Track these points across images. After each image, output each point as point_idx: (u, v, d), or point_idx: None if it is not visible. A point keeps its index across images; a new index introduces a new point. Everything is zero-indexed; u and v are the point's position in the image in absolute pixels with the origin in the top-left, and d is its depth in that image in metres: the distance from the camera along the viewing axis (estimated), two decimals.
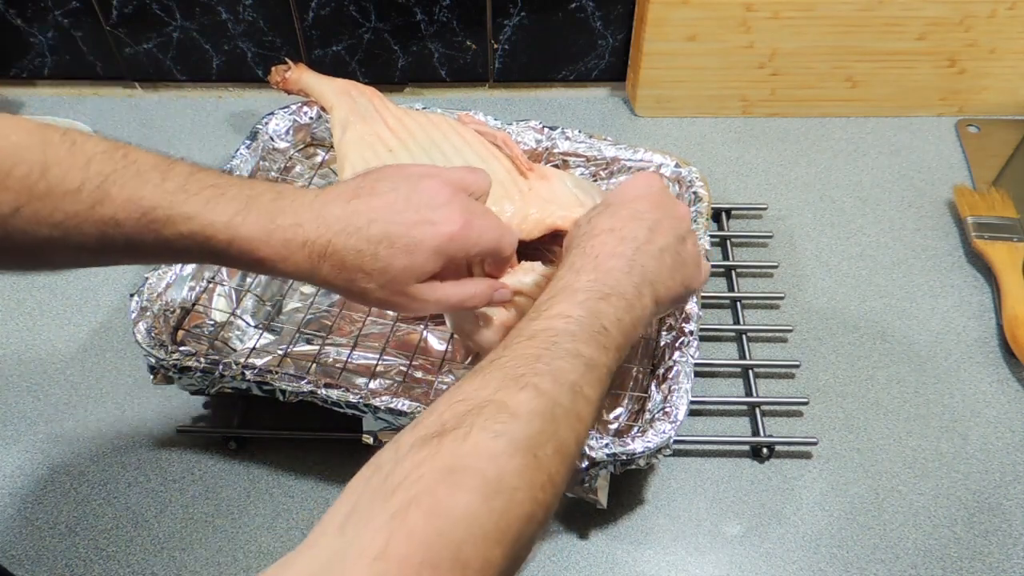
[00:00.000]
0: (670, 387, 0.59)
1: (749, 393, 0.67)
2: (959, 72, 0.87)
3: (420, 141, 0.72)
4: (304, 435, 0.65)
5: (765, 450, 0.64)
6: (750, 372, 0.68)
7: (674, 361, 0.60)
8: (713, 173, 0.85)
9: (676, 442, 0.61)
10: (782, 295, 0.74)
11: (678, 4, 0.82)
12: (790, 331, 0.71)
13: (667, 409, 0.57)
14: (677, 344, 0.61)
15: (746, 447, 0.65)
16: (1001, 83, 0.88)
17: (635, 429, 0.59)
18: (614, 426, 0.62)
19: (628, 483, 0.62)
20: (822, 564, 0.59)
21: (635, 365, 0.65)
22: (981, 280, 0.76)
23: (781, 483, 0.63)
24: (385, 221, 0.47)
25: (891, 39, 0.85)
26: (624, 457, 0.55)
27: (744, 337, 0.70)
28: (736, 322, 0.72)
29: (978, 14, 0.82)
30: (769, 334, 0.72)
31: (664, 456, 0.57)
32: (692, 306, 0.63)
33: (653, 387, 0.62)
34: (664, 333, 0.65)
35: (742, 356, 0.69)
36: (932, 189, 0.84)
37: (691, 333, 0.62)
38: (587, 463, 0.55)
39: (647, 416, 0.59)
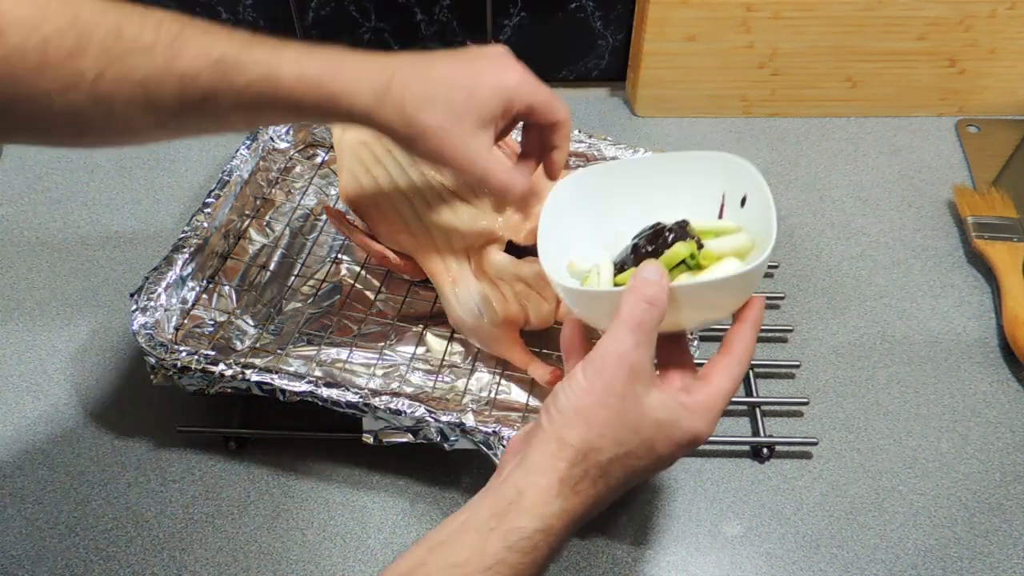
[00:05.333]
0: None
1: (749, 393, 0.67)
2: (959, 72, 0.87)
3: None
4: (304, 435, 0.65)
5: (765, 450, 0.64)
6: (750, 373, 0.68)
7: None
8: None
9: None
10: (782, 295, 0.74)
11: (678, 4, 0.82)
12: (790, 331, 0.71)
13: None
14: None
15: (746, 447, 0.65)
16: (1001, 83, 0.88)
17: None
18: None
19: None
20: (822, 564, 0.59)
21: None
22: (981, 280, 0.76)
23: (781, 483, 0.63)
24: (446, 63, 0.50)
25: (891, 39, 0.85)
26: None
27: None
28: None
29: (978, 14, 0.82)
30: (769, 335, 0.72)
31: None
32: None
33: None
34: None
35: None
36: (932, 189, 0.84)
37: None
38: None
39: None
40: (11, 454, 0.65)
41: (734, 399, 0.67)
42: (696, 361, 0.60)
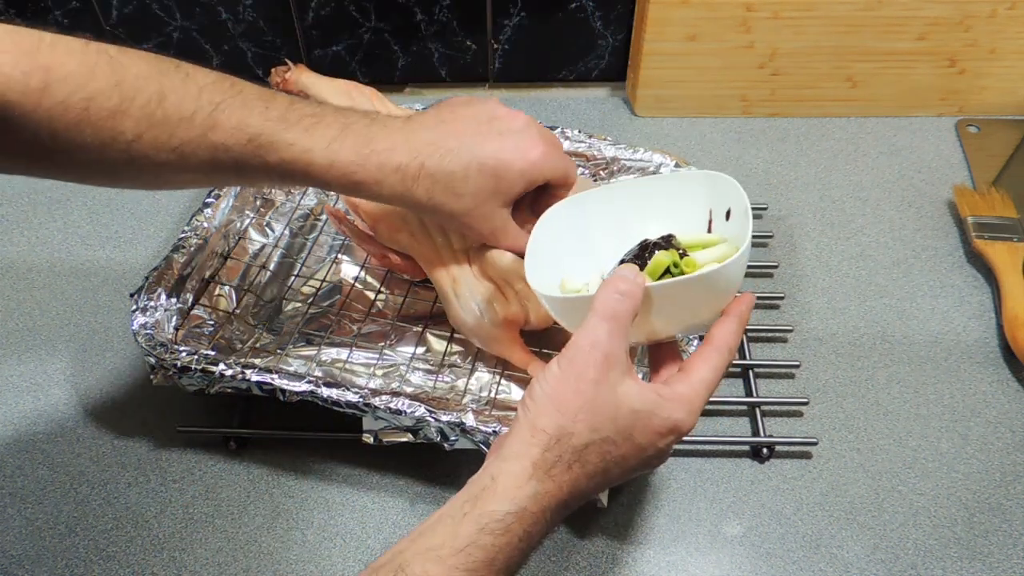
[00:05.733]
0: None
1: (749, 393, 0.67)
2: (959, 72, 0.87)
3: None
4: (304, 435, 0.65)
5: (765, 450, 0.64)
6: (750, 372, 0.68)
7: None
8: None
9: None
10: (782, 295, 0.74)
11: (678, 4, 0.82)
12: (790, 331, 0.71)
13: None
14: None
15: (746, 447, 0.65)
16: (1001, 83, 0.88)
17: None
18: None
19: (628, 483, 0.62)
20: (822, 564, 0.59)
21: (635, 366, 0.65)
22: (981, 280, 0.76)
23: (781, 483, 0.63)
24: (472, 145, 0.51)
25: (891, 39, 0.85)
26: None
27: (744, 337, 0.70)
28: None
29: (978, 14, 0.82)
30: (769, 334, 0.72)
31: None
32: None
33: None
34: None
35: (742, 356, 0.69)
36: (932, 189, 0.84)
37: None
38: None
39: None
40: (11, 454, 0.65)
41: (734, 399, 0.67)
42: None
